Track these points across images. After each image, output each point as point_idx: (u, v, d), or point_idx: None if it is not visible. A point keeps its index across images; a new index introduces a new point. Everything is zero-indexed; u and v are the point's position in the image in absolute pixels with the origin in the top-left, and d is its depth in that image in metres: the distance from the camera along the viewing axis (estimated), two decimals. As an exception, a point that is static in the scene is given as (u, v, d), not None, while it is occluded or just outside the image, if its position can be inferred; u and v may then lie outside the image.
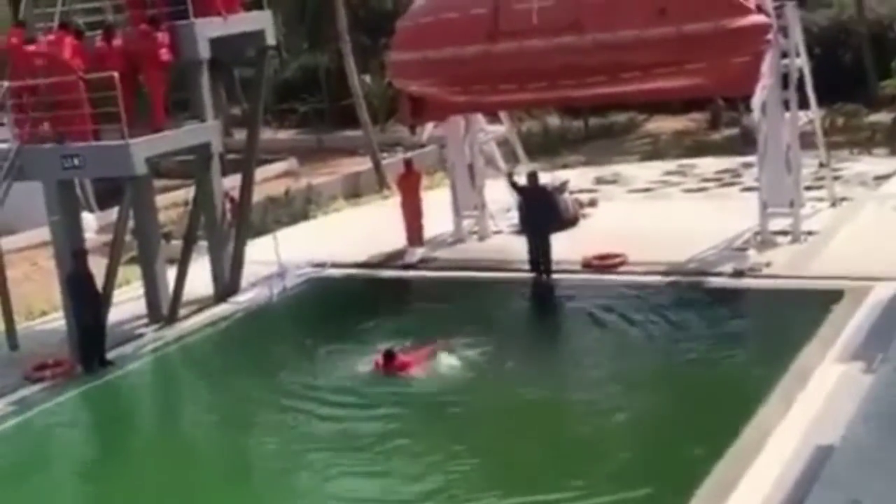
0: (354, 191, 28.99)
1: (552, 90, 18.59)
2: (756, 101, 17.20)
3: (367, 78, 37.04)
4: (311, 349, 15.99)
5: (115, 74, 15.62)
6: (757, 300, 16.46)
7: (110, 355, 16.29)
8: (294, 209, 26.13)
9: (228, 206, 18.82)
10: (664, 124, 34.25)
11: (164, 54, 16.94)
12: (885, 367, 12.80)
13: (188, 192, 22.21)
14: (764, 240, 18.25)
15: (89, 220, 24.60)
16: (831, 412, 11.78)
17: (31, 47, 16.58)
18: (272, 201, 26.34)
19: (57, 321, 17.66)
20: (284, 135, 40.69)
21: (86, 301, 16.31)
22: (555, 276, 18.06)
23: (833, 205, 20.15)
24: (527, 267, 18.27)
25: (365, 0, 38.37)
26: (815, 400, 12.25)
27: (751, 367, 13.82)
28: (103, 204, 27.50)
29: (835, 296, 15.47)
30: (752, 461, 10.97)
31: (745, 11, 16.74)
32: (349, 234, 22.61)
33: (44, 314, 18.94)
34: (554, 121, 35.24)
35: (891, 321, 14.31)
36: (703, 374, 13.88)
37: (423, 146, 27.49)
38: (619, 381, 13.88)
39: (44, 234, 19.47)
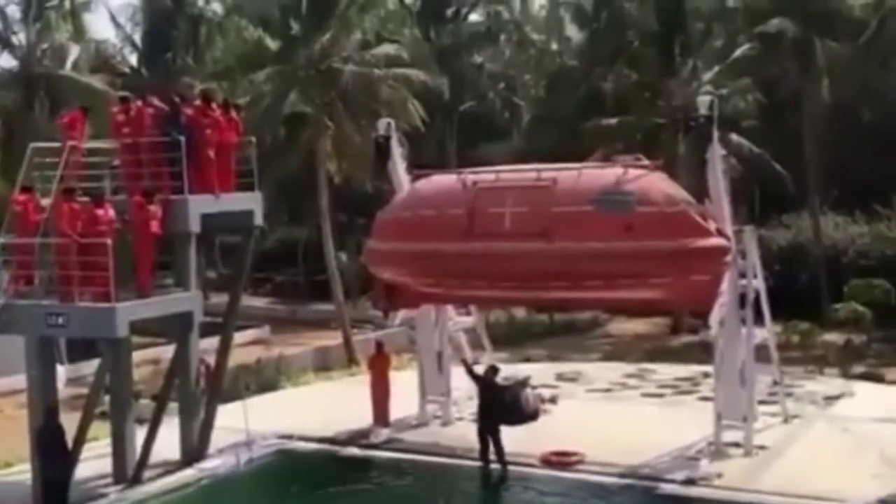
0: (324, 364, 29.65)
1: (520, 290, 19.46)
2: (714, 318, 17.99)
3: (343, 255, 38.10)
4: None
5: (108, 242, 16.34)
6: (706, 510, 16.94)
7: (71, 513, 16.49)
8: (264, 378, 26.61)
9: (203, 370, 19.26)
10: (626, 325, 35.20)
11: (155, 226, 17.50)
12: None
13: (161, 351, 22.66)
14: (717, 450, 18.73)
15: (59, 372, 24.80)
16: None
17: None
18: (243, 369, 26.79)
19: (22, 474, 17.81)
20: (259, 302, 41.47)
21: (54, 457, 16.60)
22: (512, 468, 18.52)
23: (785, 421, 20.73)
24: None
25: (346, 181, 39.68)
26: None
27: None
28: (73, 356, 27.87)
29: (781, 512, 16.05)
30: None
31: (706, 233, 17.70)
32: (317, 407, 23.04)
33: (8, 465, 19.08)
34: (520, 313, 36.18)
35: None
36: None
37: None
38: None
39: (14, 382, 19.70)
